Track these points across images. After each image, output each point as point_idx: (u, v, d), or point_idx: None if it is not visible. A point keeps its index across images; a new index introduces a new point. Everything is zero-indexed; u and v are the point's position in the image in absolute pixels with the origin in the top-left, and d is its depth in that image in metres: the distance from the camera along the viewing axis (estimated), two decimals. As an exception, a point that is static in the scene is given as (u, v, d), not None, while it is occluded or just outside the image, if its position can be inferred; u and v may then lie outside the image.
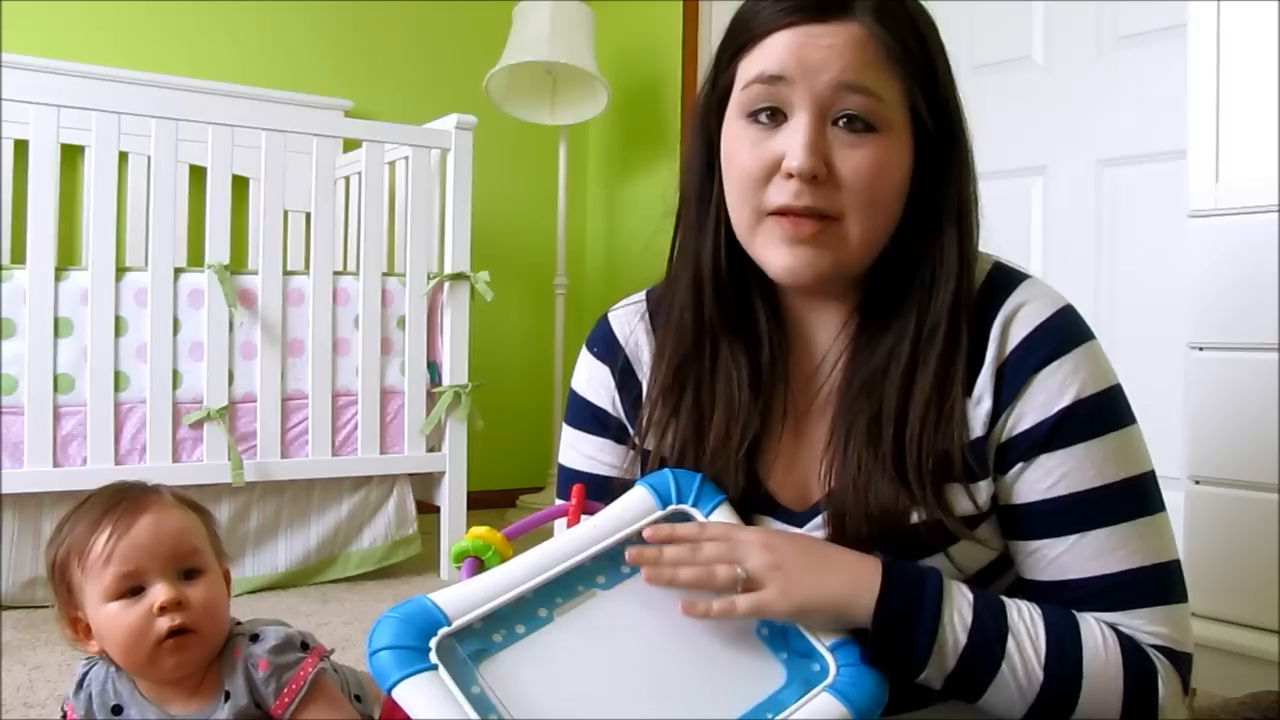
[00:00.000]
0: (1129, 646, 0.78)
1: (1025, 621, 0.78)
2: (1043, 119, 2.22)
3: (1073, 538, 0.80)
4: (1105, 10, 2.13)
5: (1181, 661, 0.81)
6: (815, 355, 0.89)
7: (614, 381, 0.95)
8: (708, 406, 0.87)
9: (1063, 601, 0.81)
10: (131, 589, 0.91)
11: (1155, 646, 0.80)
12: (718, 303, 0.87)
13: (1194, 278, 1.44)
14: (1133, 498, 0.81)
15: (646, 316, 0.96)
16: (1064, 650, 0.77)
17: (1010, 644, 0.76)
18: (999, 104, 2.25)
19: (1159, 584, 0.81)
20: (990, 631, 0.76)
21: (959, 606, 0.77)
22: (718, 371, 0.88)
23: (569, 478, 0.98)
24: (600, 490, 0.95)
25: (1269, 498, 1.35)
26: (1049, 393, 0.80)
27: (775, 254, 0.81)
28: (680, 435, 0.88)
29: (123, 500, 0.94)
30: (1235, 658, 1.37)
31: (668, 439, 0.88)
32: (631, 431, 0.93)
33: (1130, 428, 0.83)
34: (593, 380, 0.97)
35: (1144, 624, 0.80)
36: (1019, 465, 0.82)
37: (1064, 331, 0.82)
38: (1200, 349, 1.43)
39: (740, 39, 0.83)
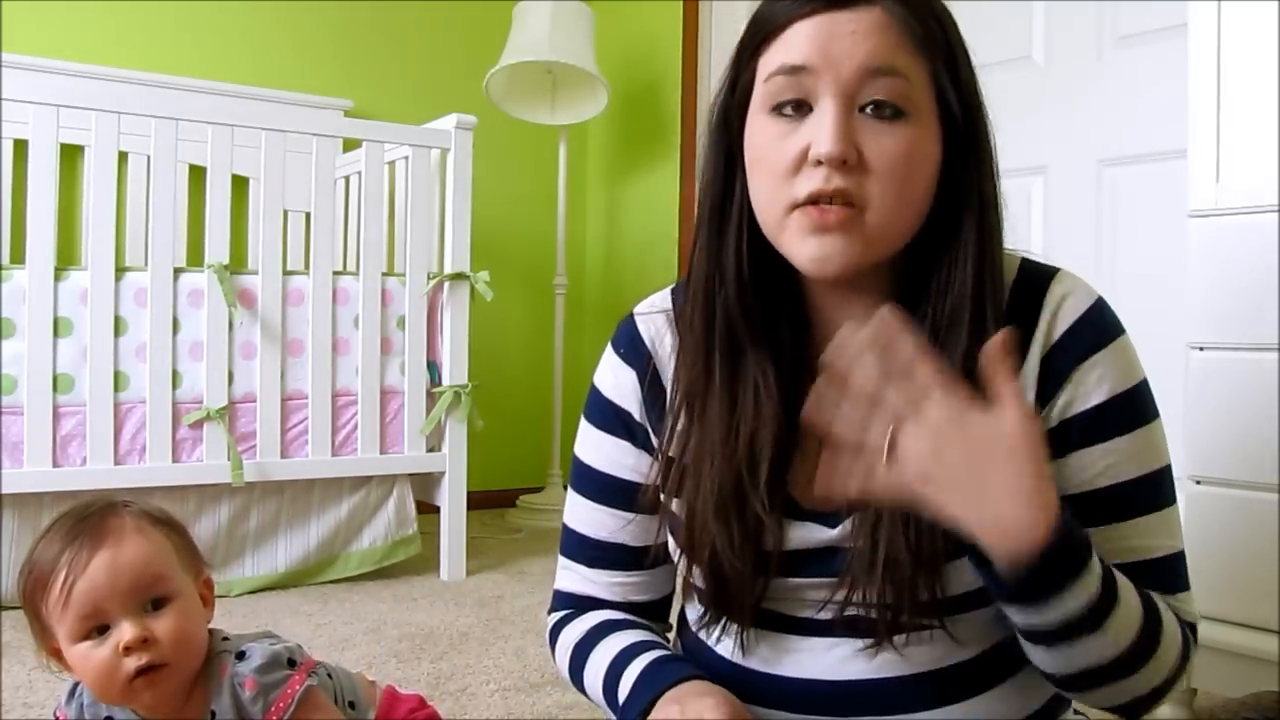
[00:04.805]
0: (1175, 617, 0.82)
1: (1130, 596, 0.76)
2: (1043, 119, 2.22)
3: (1109, 527, 0.82)
4: (1105, 10, 2.13)
5: (1196, 633, 0.85)
6: None
7: (641, 389, 0.93)
8: (734, 413, 0.85)
9: None
10: (97, 628, 0.88)
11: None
12: (740, 307, 0.85)
13: (1194, 278, 1.44)
14: (1162, 488, 0.84)
15: (672, 319, 0.93)
16: (1150, 617, 0.77)
17: (1111, 618, 0.74)
18: (999, 104, 2.24)
19: (1176, 572, 0.85)
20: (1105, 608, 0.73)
21: (1089, 585, 0.72)
22: (743, 378, 0.85)
23: (590, 475, 0.96)
24: (624, 495, 0.93)
25: (1269, 498, 1.35)
26: (1092, 384, 0.81)
27: (803, 245, 0.78)
28: (705, 443, 0.85)
29: (79, 534, 0.89)
30: (1235, 658, 1.37)
31: (692, 447, 0.86)
32: (655, 440, 0.91)
33: (1159, 420, 0.85)
34: (620, 383, 0.94)
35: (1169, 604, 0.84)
36: (1069, 455, 0.82)
37: (1104, 324, 0.83)
38: (1200, 349, 1.43)
39: (759, 34, 0.81)
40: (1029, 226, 2.25)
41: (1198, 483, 1.43)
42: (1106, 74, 2.13)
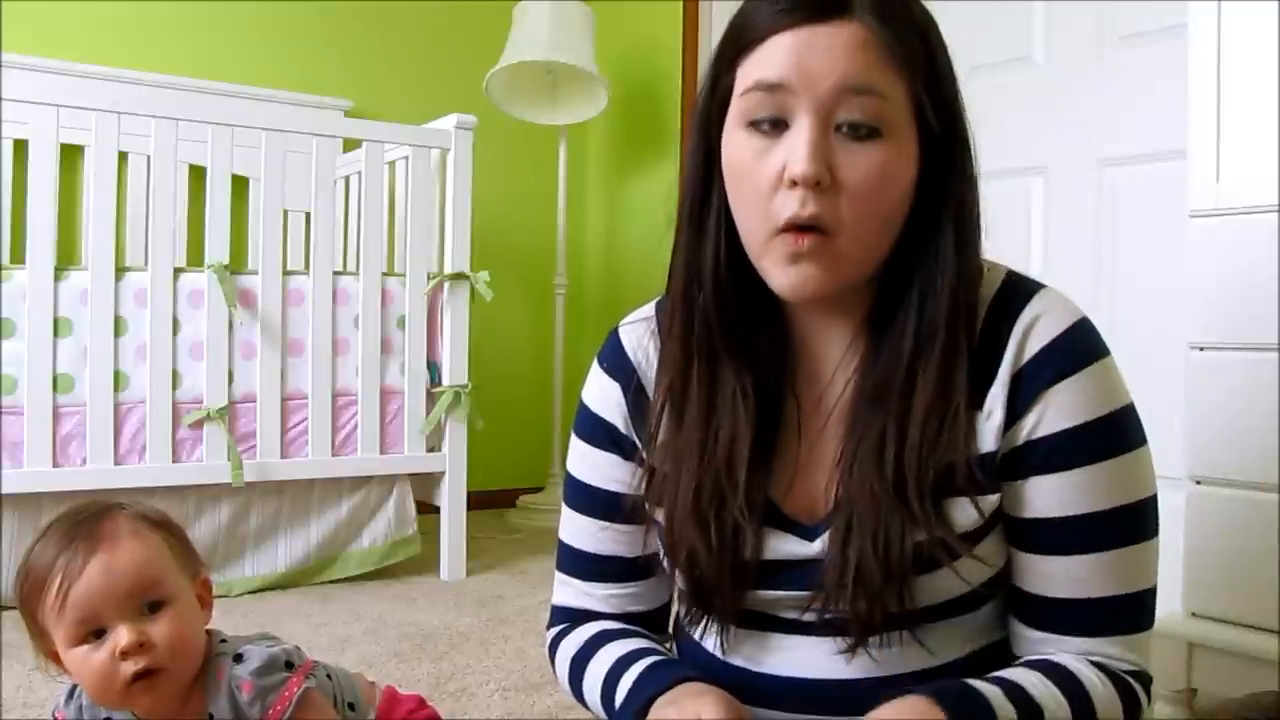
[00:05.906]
0: (1118, 684, 0.81)
1: (1055, 704, 0.78)
2: (1043, 119, 2.22)
3: (1071, 558, 0.82)
4: (1105, 10, 2.13)
5: (1148, 683, 0.84)
6: (826, 370, 0.88)
7: (626, 401, 0.93)
8: (712, 417, 0.85)
9: (1048, 617, 0.84)
10: (94, 632, 0.88)
11: (1127, 672, 0.83)
12: (719, 315, 0.85)
13: (1194, 278, 1.44)
14: (1133, 523, 0.82)
15: (656, 331, 0.94)
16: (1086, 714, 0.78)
17: None
18: (999, 104, 2.25)
19: (1138, 611, 0.84)
20: None
21: None
22: (721, 383, 0.86)
23: (582, 489, 0.97)
24: (615, 508, 0.93)
25: (1269, 498, 1.35)
26: (1062, 409, 0.80)
27: (782, 273, 0.79)
28: (683, 446, 0.86)
29: (75, 538, 0.89)
30: (1235, 658, 1.37)
31: (671, 451, 0.87)
32: (642, 450, 0.91)
33: (1140, 450, 0.83)
34: (606, 396, 0.95)
35: (1120, 651, 0.83)
36: (1028, 480, 0.81)
37: (1081, 346, 0.82)
38: (1201, 349, 1.43)
39: (739, 42, 0.81)
40: (1029, 226, 2.25)
41: (1198, 483, 1.43)
42: (1106, 74, 2.13)
